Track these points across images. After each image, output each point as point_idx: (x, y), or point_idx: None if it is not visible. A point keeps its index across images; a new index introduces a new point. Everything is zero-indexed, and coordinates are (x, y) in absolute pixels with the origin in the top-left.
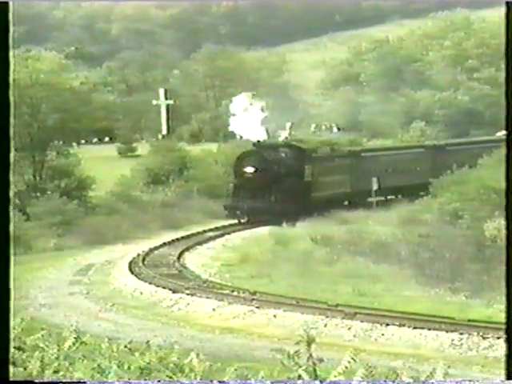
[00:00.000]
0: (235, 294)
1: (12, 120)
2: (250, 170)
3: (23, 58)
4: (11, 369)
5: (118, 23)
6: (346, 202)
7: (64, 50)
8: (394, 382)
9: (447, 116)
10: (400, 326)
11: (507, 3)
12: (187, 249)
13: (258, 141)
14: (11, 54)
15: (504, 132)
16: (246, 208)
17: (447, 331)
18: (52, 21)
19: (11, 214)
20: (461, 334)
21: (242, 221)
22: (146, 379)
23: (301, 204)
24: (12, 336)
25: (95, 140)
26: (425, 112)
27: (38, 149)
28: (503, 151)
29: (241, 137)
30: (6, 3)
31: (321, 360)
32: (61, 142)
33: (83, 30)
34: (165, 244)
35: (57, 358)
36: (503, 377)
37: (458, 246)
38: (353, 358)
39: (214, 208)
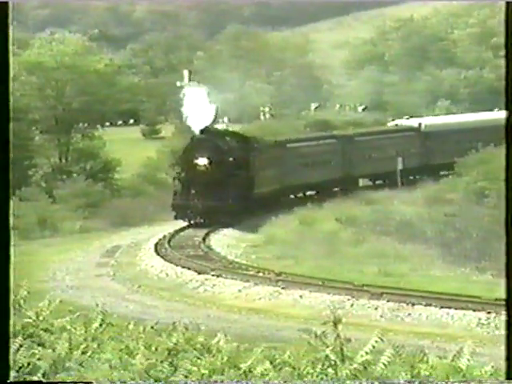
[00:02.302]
0: (261, 275)
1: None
2: (203, 161)
3: (48, 40)
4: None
5: (142, 5)
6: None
7: (88, 33)
8: (393, 382)
9: (473, 94)
10: (427, 305)
11: (507, 3)
12: (213, 230)
13: (207, 127)
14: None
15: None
16: (200, 207)
17: (474, 310)
18: (76, 3)
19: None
20: (488, 312)
21: (194, 222)
22: (173, 360)
23: (249, 201)
24: (40, 318)
25: (120, 122)
26: (450, 91)
27: (63, 131)
28: None
29: (265, 117)
30: (6, 3)
31: (348, 340)
32: (86, 125)
33: (107, 12)
34: (190, 225)
35: (84, 340)
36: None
37: (485, 224)
38: (380, 338)
39: None
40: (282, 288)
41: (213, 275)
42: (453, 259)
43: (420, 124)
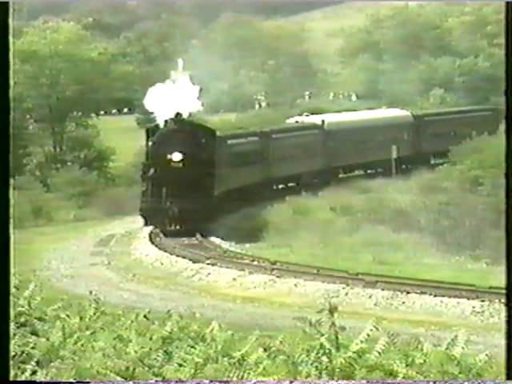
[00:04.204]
0: (256, 263)
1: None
2: (177, 157)
3: (42, 29)
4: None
5: None
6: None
7: (82, 21)
8: (394, 381)
9: (467, 83)
10: (421, 293)
11: (507, 3)
12: None
13: (179, 114)
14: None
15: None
16: (176, 211)
17: (468, 298)
18: None
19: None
20: (482, 301)
21: (168, 230)
22: (168, 348)
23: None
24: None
25: (114, 111)
26: (444, 79)
27: (57, 120)
28: None
29: (260, 106)
30: (6, 3)
31: (343, 328)
32: (80, 113)
33: (101, 0)
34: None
35: (78, 328)
36: (503, 376)
37: (479, 213)
38: (375, 327)
39: None
40: (277, 276)
41: (207, 264)
42: (447, 247)
43: (323, 121)
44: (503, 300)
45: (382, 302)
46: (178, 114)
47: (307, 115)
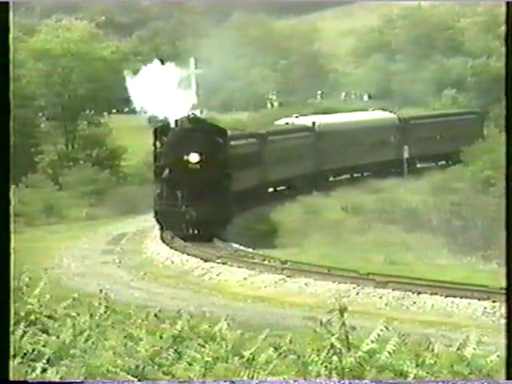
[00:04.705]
0: (266, 262)
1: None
2: (194, 157)
3: (54, 27)
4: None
5: None
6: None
7: (95, 20)
8: (403, 382)
9: (479, 83)
10: (432, 294)
11: (507, 3)
12: None
13: (194, 114)
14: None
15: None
16: (194, 215)
17: (480, 299)
18: None
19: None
20: (493, 301)
21: (186, 235)
22: (178, 347)
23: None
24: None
25: (126, 109)
26: (457, 79)
27: (69, 118)
28: None
29: (272, 105)
30: (6, 3)
31: (353, 328)
32: (92, 112)
33: None
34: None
35: (89, 327)
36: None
37: (491, 213)
38: (385, 327)
39: None
40: (288, 276)
41: (218, 263)
42: (458, 248)
43: (314, 123)
44: (505, 296)
45: (393, 303)
46: (192, 113)
47: (297, 117)
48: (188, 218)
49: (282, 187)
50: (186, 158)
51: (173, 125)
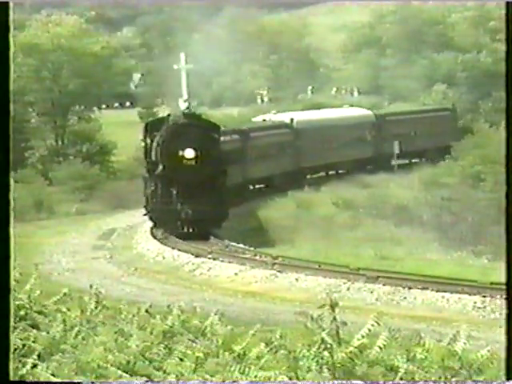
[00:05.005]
0: (257, 258)
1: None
2: (190, 153)
3: (44, 22)
4: (34, 332)
5: None
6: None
7: (85, 15)
8: (393, 381)
9: (470, 78)
10: (422, 289)
11: (507, 3)
12: None
13: (189, 109)
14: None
15: None
16: (190, 213)
17: (470, 294)
18: None
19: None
20: (483, 296)
21: (182, 232)
22: (168, 342)
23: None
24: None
25: (116, 105)
26: (447, 74)
27: (59, 114)
28: None
29: (262, 101)
30: (6, 3)
31: (344, 323)
32: (82, 107)
33: None
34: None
35: (80, 322)
36: (503, 377)
37: (481, 208)
38: (376, 322)
39: None
40: (279, 271)
41: (209, 258)
42: (449, 243)
43: (292, 120)
44: (504, 295)
45: (384, 298)
46: (187, 108)
47: (274, 113)
48: (183, 216)
49: (261, 185)
50: (181, 153)
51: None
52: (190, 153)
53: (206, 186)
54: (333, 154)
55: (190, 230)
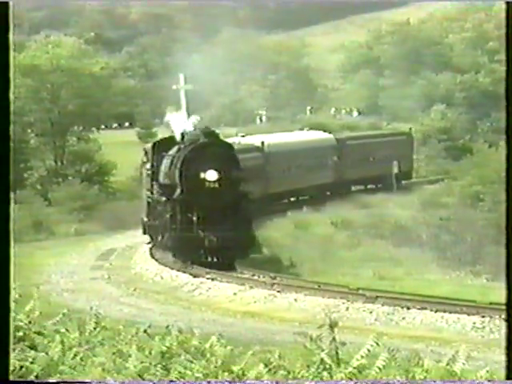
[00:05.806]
0: (256, 278)
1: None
2: (212, 176)
3: (43, 43)
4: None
5: (137, 8)
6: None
7: (84, 36)
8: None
9: (468, 98)
10: (421, 309)
11: (507, 3)
12: None
13: (208, 128)
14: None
15: None
16: (214, 241)
17: (469, 314)
18: (71, 6)
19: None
20: (482, 316)
21: (202, 262)
22: (166, 363)
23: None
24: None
25: (115, 125)
26: (445, 95)
27: (58, 134)
28: None
29: (261, 120)
30: (6, 3)
31: (343, 343)
32: (81, 128)
33: (102, 14)
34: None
35: (78, 343)
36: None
37: (479, 228)
38: (375, 342)
39: None
40: (277, 291)
41: (208, 278)
42: (447, 263)
43: (263, 143)
44: (503, 316)
45: (383, 318)
46: (206, 127)
47: (243, 136)
48: (207, 244)
49: None
50: (202, 176)
51: (177, 139)
52: (212, 175)
53: (230, 211)
54: (297, 179)
55: (215, 260)
